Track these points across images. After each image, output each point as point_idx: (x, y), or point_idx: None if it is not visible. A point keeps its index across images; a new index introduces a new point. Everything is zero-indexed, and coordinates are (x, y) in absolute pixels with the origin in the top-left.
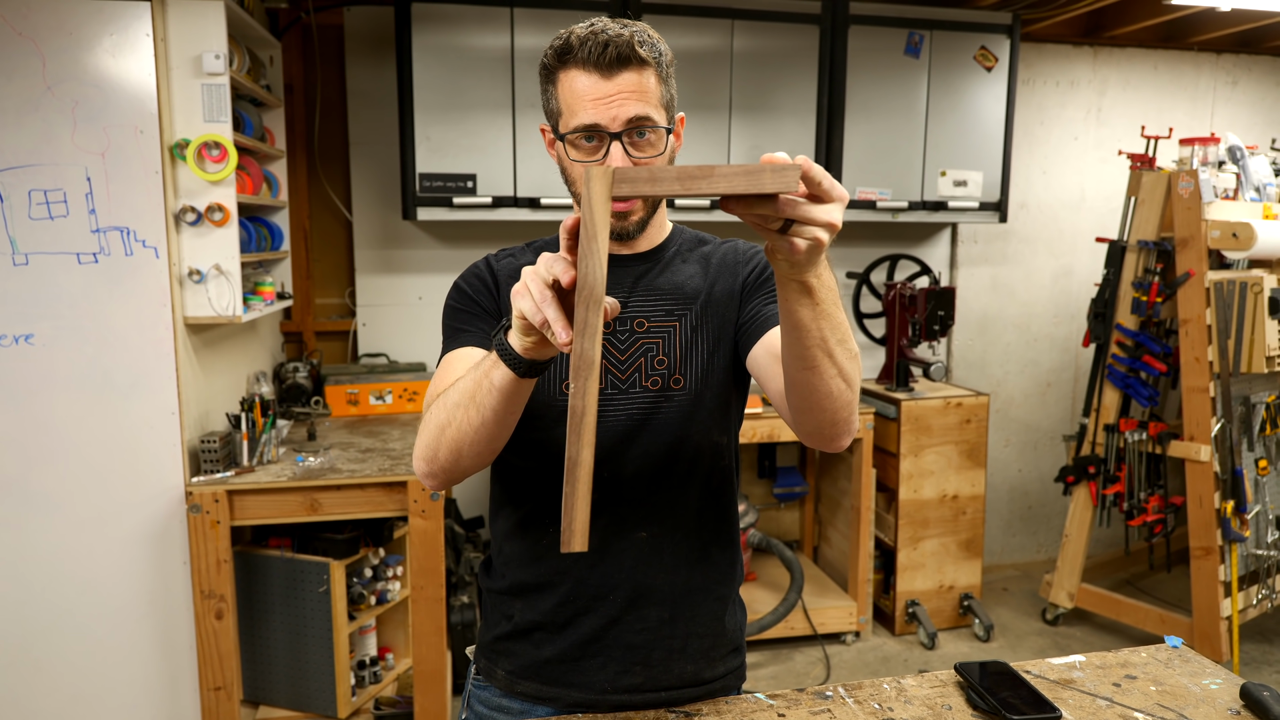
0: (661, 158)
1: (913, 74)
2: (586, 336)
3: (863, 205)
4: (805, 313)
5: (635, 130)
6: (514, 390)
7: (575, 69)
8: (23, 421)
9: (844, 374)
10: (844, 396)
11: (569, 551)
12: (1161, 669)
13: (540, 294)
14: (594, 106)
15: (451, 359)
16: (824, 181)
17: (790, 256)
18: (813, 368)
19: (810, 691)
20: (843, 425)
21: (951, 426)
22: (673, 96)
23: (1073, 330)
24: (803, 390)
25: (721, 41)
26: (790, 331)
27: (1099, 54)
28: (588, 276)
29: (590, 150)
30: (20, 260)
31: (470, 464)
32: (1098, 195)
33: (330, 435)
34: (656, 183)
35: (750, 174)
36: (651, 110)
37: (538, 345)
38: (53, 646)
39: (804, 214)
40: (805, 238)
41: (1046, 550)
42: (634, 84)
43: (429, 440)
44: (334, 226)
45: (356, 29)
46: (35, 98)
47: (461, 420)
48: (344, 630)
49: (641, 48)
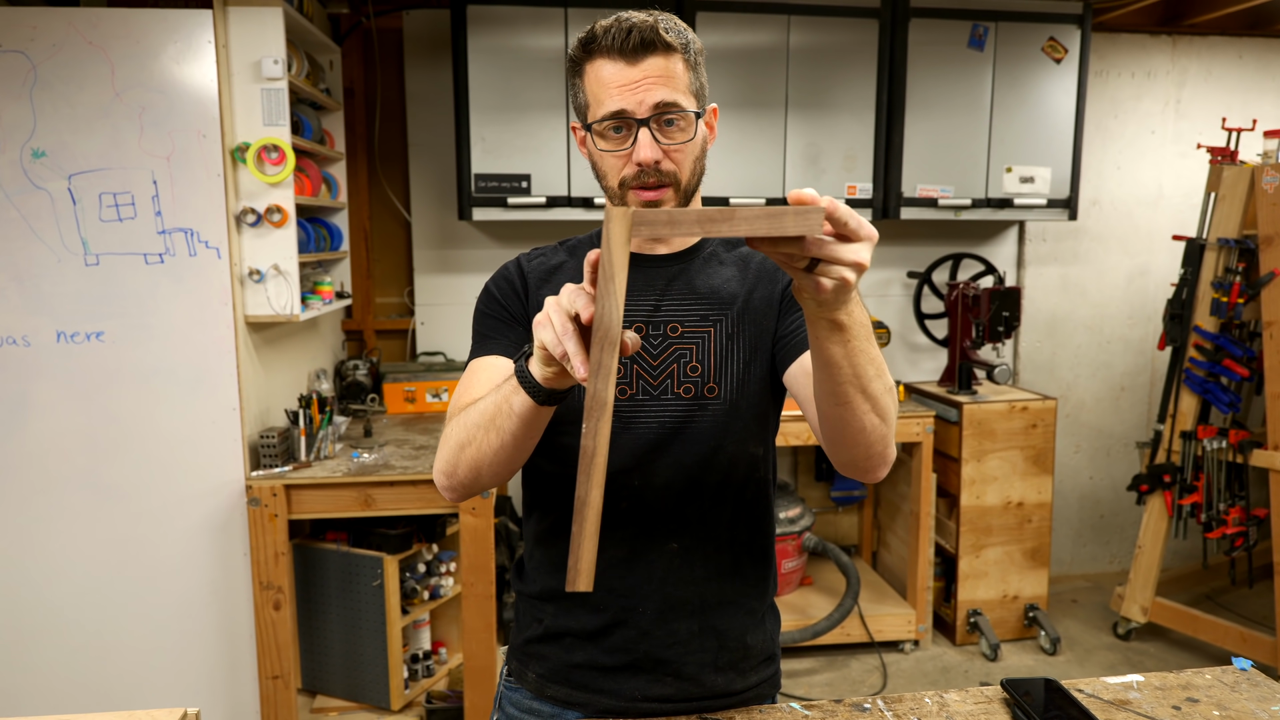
0: (692, 144)
1: (977, 67)
2: (600, 377)
3: (923, 203)
4: (836, 350)
5: (663, 116)
6: (533, 417)
7: (600, 58)
8: (94, 416)
9: (878, 409)
10: (878, 431)
11: (574, 590)
12: (1226, 692)
13: (562, 327)
14: (620, 93)
15: (476, 367)
16: (850, 221)
17: (817, 295)
18: (845, 404)
19: (848, 703)
20: (877, 459)
21: (1016, 431)
22: (703, 85)
23: (1149, 332)
24: (836, 425)
25: (778, 38)
26: (822, 368)
27: (1178, 43)
28: (604, 317)
29: (619, 140)
30: (92, 261)
31: (489, 482)
32: (1176, 191)
33: (386, 432)
34: (676, 225)
35: (772, 216)
36: (679, 96)
37: (558, 376)
38: (122, 631)
39: (830, 253)
40: (832, 277)
41: (1119, 561)
42: (660, 69)
43: (449, 456)
44: (394, 227)
45: (415, 32)
46: (105, 105)
47: (481, 441)
48: (397, 624)
49: (667, 33)
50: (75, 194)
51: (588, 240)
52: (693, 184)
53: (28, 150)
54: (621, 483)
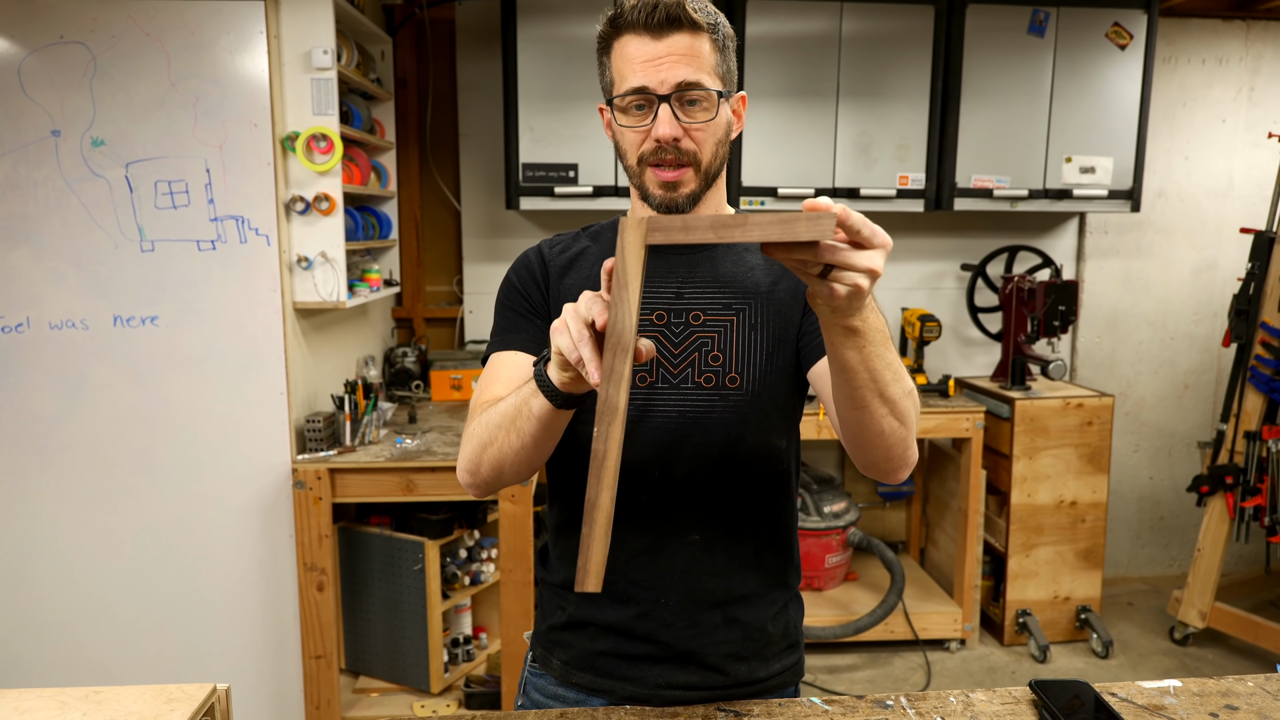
0: (714, 124)
1: (1036, 54)
2: (612, 383)
3: (978, 194)
4: (852, 355)
5: (685, 95)
6: (552, 419)
7: (627, 34)
8: (148, 398)
9: (896, 412)
10: (897, 434)
11: (583, 591)
12: (1269, 701)
13: (578, 333)
14: (643, 69)
15: (496, 362)
16: (863, 228)
17: (830, 302)
18: (863, 408)
19: (870, 699)
20: (897, 461)
21: (1071, 428)
22: (730, 70)
23: (1215, 329)
24: (854, 428)
25: (830, 25)
26: (838, 373)
27: (1252, 28)
28: (617, 325)
29: (640, 116)
30: (147, 247)
31: (512, 479)
32: (1247, 182)
33: (431, 419)
34: (690, 231)
35: (785, 222)
36: (704, 76)
37: (574, 381)
38: (173, 607)
39: (843, 260)
40: (845, 284)
41: (1179, 565)
42: (685, 46)
43: (472, 454)
44: (444, 216)
45: (467, 23)
46: (161, 94)
47: (503, 441)
48: (437, 608)
49: (695, 12)
50: (132, 182)
51: (610, 226)
52: (714, 167)
53: (88, 139)
54: (642, 473)
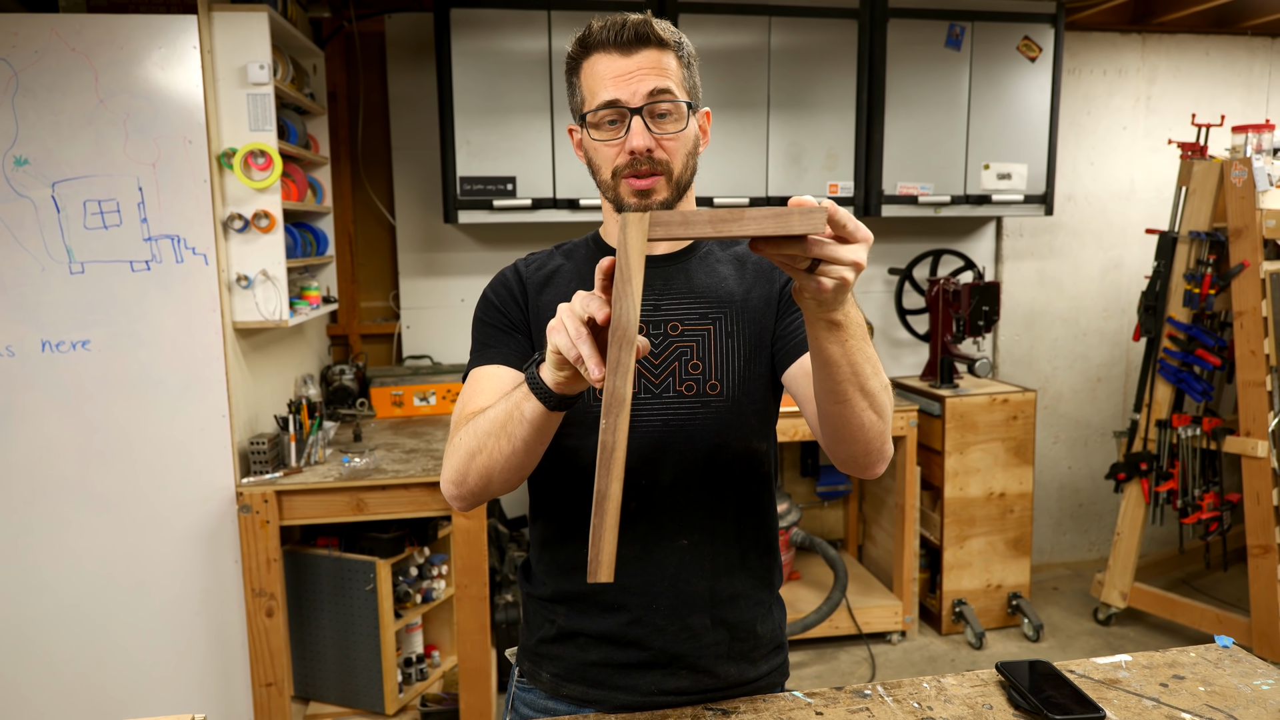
0: (684, 134)
1: (954, 66)
2: (619, 375)
3: (904, 200)
4: (834, 349)
5: (656, 106)
6: (544, 423)
7: (597, 53)
8: (81, 424)
9: (875, 406)
10: (876, 428)
11: (595, 581)
12: (1211, 669)
13: (576, 331)
14: (614, 84)
15: (478, 376)
16: (849, 224)
17: (817, 295)
18: (844, 402)
19: (849, 690)
20: (875, 455)
21: (998, 423)
22: (696, 85)
23: (1124, 324)
24: (835, 423)
25: (759, 39)
26: (821, 367)
27: (1148, 41)
28: (621, 318)
29: (613, 130)
30: (77, 269)
31: (499, 489)
32: (1148, 186)
33: (375, 436)
34: (690, 226)
35: (779, 216)
36: (672, 85)
37: (570, 380)
38: (115, 641)
39: (830, 254)
40: (832, 277)
41: (1098, 549)
42: (653, 61)
43: (458, 465)
44: (378, 231)
45: (397, 35)
46: (89, 111)
47: (492, 448)
48: (390, 628)
49: (661, 30)
50: (59, 202)
51: (583, 244)
52: (685, 177)
53: (10, 158)
54: (629, 482)
